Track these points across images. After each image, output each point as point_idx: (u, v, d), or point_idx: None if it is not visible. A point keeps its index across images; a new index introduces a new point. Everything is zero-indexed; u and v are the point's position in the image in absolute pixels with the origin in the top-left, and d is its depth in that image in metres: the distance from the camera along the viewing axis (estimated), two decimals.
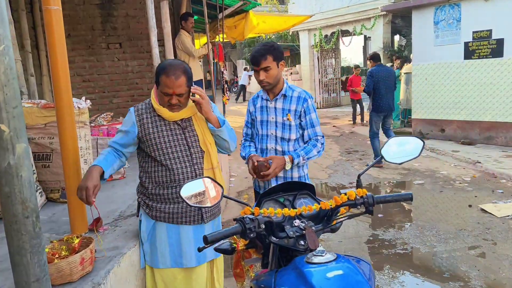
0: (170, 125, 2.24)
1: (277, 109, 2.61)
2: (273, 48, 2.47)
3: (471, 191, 5.75)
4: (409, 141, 1.65)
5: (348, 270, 1.33)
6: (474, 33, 8.22)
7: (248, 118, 2.80)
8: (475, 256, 3.87)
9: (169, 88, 2.09)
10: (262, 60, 2.44)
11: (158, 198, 2.26)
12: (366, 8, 13.85)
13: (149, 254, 2.34)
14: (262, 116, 2.66)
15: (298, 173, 2.66)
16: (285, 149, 2.60)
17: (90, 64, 6.53)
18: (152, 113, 2.23)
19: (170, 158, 2.22)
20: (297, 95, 2.60)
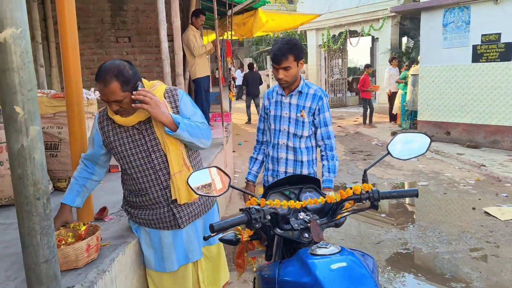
0: (129, 131, 2.07)
1: (291, 105, 2.59)
2: (295, 47, 2.44)
3: (475, 194, 5.74)
4: (416, 138, 1.66)
5: (352, 263, 1.34)
6: (482, 36, 8.19)
7: (262, 112, 2.80)
8: (477, 258, 3.87)
9: (103, 95, 1.94)
10: (283, 60, 2.42)
11: (134, 205, 2.24)
12: (375, 9, 13.81)
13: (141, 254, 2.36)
14: (276, 111, 2.65)
15: (308, 170, 2.66)
16: (296, 145, 2.60)
17: (98, 57, 6.58)
18: (110, 119, 2.09)
19: (134, 166, 2.10)
20: (313, 92, 2.58)
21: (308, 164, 2.64)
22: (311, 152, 2.66)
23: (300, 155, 2.62)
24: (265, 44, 23.99)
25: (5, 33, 1.09)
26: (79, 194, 2.25)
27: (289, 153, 2.63)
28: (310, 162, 2.66)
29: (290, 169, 2.63)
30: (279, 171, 2.67)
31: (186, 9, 6.84)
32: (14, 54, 1.11)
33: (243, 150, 9.14)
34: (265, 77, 22.77)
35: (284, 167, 2.65)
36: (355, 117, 14.07)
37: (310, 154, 2.66)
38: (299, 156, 2.62)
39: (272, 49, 2.48)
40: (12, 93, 1.12)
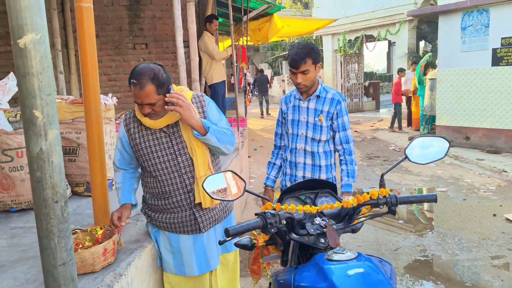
0: (156, 133, 2.09)
1: (309, 109, 2.58)
2: (313, 51, 2.43)
3: (496, 200, 5.60)
4: (434, 142, 1.63)
5: (369, 269, 1.32)
6: (502, 39, 8.03)
7: (279, 116, 2.78)
8: (499, 266, 3.77)
9: (137, 98, 1.96)
10: (301, 64, 2.41)
11: (155, 208, 2.25)
12: (392, 13, 13.72)
13: (159, 257, 2.37)
14: (293, 115, 2.64)
15: (326, 175, 2.63)
16: (314, 150, 2.59)
17: (116, 64, 6.68)
18: (138, 121, 2.13)
19: (159, 169, 2.12)
20: (330, 96, 2.57)
21: (327, 168, 2.62)
22: (330, 156, 2.64)
23: (318, 159, 2.60)
24: (281, 50, 24.03)
25: (25, 38, 1.12)
26: (131, 192, 2.30)
27: (307, 157, 2.61)
28: (328, 167, 2.64)
29: (308, 174, 2.62)
30: (297, 176, 2.64)
31: (202, 15, 6.91)
32: (33, 59, 1.13)
33: (259, 155, 9.13)
34: (280, 82, 22.80)
35: (302, 172, 2.63)
36: (372, 122, 13.93)
37: (329, 158, 2.63)
38: (317, 161, 2.60)
39: (290, 54, 2.46)
40: (31, 98, 1.14)
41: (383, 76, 24.54)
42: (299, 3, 21.56)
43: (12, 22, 1.13)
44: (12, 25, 1.13)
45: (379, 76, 24.33)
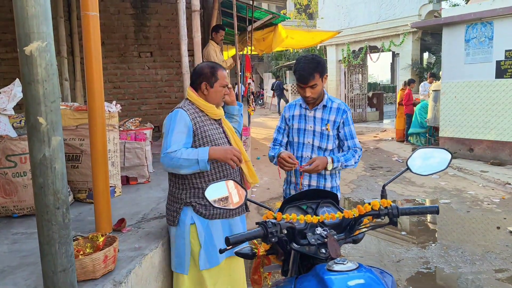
0: (215, 123, 2.43)
1: (316, 118, 2.61)
2: (320, 65, 2.46)
3: (500, 212, 5.56)
4: (436, 153, 1.63)
5: (370, 280, 1.31)
6: (506, 51, 8.04)
7: (281, 124, 2.78)
8: (502, 279, 3.72)
9: (227, 79, 2.42)
10: (310, 79, 2.44)
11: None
12: (396, 25, 13.78)
13: (205, 257, 2.33)
14: (299, 124, 2.65)
15: (331, 184, 2.65)
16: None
17: (121, 72, 6.74)
18: (199, 112, 2.37)
19: None
20: (336, 106, 2.61)
21: (331, 177, 2.65)
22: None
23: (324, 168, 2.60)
24: (285, 59, 24.12)
25: (31, 46, 1.13)
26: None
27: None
28: (333, 176, 2.66)
29: (314, 182, 2.63)
30: (303, 184, 2.66)
31: (207, 24, 6.96)
32: (39, 66, 1.15)
33: (262, 165, 9.13)
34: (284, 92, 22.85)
35: (308, 180, 2.64)
36: (375, 132, 13.91)
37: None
38: (323, 170, 2.58)
39: (297, 69, 2.49)
40: (36, 104, 1.16)
41: (387, 87, 24.57)
42: (304, 14, 21.69)
43: (19, 30, 1.15)
44: (18, 33, 1.15)
45: (383, 86, 24.37)
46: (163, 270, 2.52)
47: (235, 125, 2.65)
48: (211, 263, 2.36)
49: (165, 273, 2.53)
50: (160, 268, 2.47)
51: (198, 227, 2.32)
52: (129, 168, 3.83)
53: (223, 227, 2.40)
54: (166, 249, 2.57)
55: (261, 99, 26.74)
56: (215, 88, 2.37)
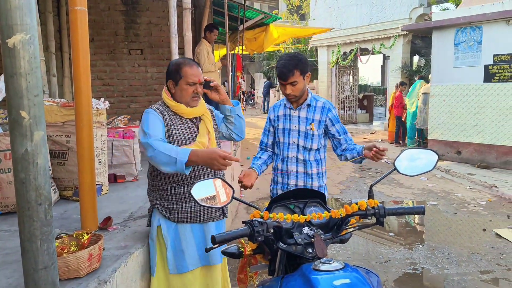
0: (187, 123, 2.30)
1: (300, 118, 2.61)
2: (300, 62, 2.45)
3: (486, 215, 5.62)
4: (423, 155, 1.64)
5: (356, 280, 1.31)
6: (495, 56, 8.14)
7: (267, 125, 2.78)
8: (487, 281, 3.76)
9: (195, 77, 2.23)
10: (289, 76, 2.44)
11: (179, 198, 2.24)
12: (387, 27, 13.87)
13: (174, 261, 2.27)
14: (284, 124, 2.65)
15: (318, 183, 2.65)
16: (306, 158, 2.61)
17: (111, 69, 6.67)
18: (169, 112, 2.27)
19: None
20: (321, 105, 2.61)
21: (318, 176, 2.65)
22: (320, 164, 2.67)
23: (310, 167, 2.62)
24: (276, 60, 24.14)
25: (14, 38, 1.11)
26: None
27: (299, 166, 2.63)
28: (320, 175, 2.66)
29: (301, 182, 2.63)
30: (290, 184, 2.65)
31: (198, 23, 6.93)
32: (22, 59, 1.12)
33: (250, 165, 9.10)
34: (275, 93, 22.87)
35: (295, 180, 2.64)
36: (365, 134, 13.99)
37: (320, 166, 2.67)
38: (309, 169, 2.62)
39: (278, 66, 2.51)
40: (18, 98, 1.13)
41: (377, 89, 24.72)
42: (295, 14, 21.73)
43: (1, 22, 1.12)
44: (1, 25, 1.12)
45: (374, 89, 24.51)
46: (150, 270, 2.48)
47: (230, 127, 2.51)
48: (179, 269, 2.27)
49: (151, 273, 2.50)
50: (146, 267, 2.44)
51: (163, 230, 2.26)
52: (116, 166, 3.79)
53: (194, 232, 2.28)
54: None
55: (252, 99, 26.74)
56: (180, 86, 2.23)
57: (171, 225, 2.27)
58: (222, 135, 2.56)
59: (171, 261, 2.27)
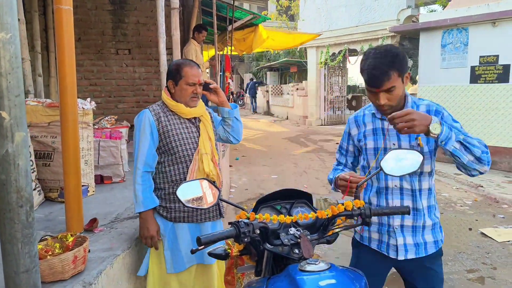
0: (186, 123, 2.34)
1: None
2: (398, 59, 1.75)
3: (472, 214, 5.70)
4: (408, 155, 1.64)
5: (341, 280, 1.31)
6: (481, 57, 8.26)
7: (344, 142, 2.13)
8: (473, 280, 3.81)
9: (195, 77, 2.27)
10: (385, 81, 1.73)
11: (176, 198, 2.25)
12: (375, 29, 13.96)
13: (171, 260, 2.32)
14: (376, 143, 1.95)
15: (432, 220, 1.95)
16: (415, 187, 1.90)
17: (98, 69, 6.61)
18: (167, 112, 2.32)
19: (189, 154, 2.29)
20: (425, 109, 1.90)
21: (429, 211, 1.95)
22: (432, 193, 1.97)
23: (420, 199, 1.91)
24: (265, 60, 24.17)
25: None
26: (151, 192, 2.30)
27: (405, 199, 1.91)
28: (431, 209, 1.96)
29: (409, 222, 1.91)
30: (393, 226, 1.92)
31: (187, 23, 6.91)
32: (2, 59, 1.10)
33: (240, 165, 9.11)
34: (264, 93, 22.88)
35: (400, 220, 1.92)
36: None
37: (431, 196, 1.96)
38: (419, 202, 1.91)
39: (365, 68, 1.78)
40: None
41: None
42: (285, 15, 21.78)
43: None
44: None
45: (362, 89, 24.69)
46: (136, 271, 2.46)
47: (228, 129, 2.53)
48: (176, 268, 2.32)
49: (137, 275, 2.48)
50: (132, 268, 2.42)
51: (161, 229, 2.31)
52: (103, 167, 3.75)
53: (191, 231, 2.33)
54: (139, 250, 2.52)
55: (242, 100, 26.73)
56: (180, 86, 2.28)
57: (168, 224, 2.31)
58: (220, 138, 2.59)
59: (168, 261, 2.31)
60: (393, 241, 1.94)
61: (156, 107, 2.34)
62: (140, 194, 2.22)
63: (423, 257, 1.96)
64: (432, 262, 2.01)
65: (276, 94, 21.71)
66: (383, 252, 1.99)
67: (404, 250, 1.93)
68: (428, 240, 1.95)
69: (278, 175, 8.12)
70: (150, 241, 2.25)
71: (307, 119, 17.41)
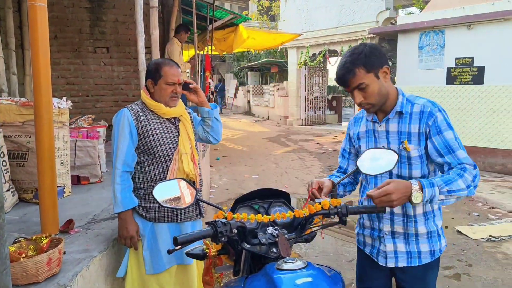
0: (165, 122, 2.33)
1: (390, 133, 1.83)
2: (362, 56, 1.71)
3: (448, 212, 5.82)
4: (384, 154, 1.66)
5: (317, 278, 1.32)
6: (456, 59, 8.45)
7: (346, 144, 2.07)
8: (449, 277, 3.89)
9: (175, 77, 2.26)
10: (350, 78, 1.72)
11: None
12: (354, 30, 14.13)
13: (150, 261, 2.30)
14: (368, 145, 1.91)
15: (427, 227, 1.84)
16: None
17: (75, 67, 6.49)
18: (147, 111, 2.30)
19: (169, 154, 2.28)
20: (419, 109, 1.78)
21: (425, 217, 1.84)
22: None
23: (410, 205, 1.79)
24: (246, 60, 24.17)
25: None
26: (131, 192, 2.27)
27: None
28: (428, 215, 1.84)
29: (399, 228, 1.84)
30: (383, 230, 1.87)
31: (166, 21, 6.85)
32: None
33: (221, 165, 9.09)
34: (245, 93, 22.88)
35: (390, 225, 1.86)
36: (334, 134, 14.22)
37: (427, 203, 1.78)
38: (409, 209, 1.82)
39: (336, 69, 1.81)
40: None
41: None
42: (265, 16, 21.83)
43: None
44: None
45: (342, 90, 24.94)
46: (113, 273, 2.43)
47: (208, 129, 2.53)
48: (155, 269, 2.30)
49: (115, 276, 2.44)
50: (109, 270, 2.38)
51: (140, 229, 2.29)
52: (80, 167, 3.69)
53: (171, 231, 2.31)
54: (116, 251, 2.48)
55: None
56: (159, 86, 2.27)
57: (148, 224, 2.29)
58: (199, 138, 2.59)
59: (147, 261, 2.29)
60: (383, 247, 1.89)
61: (135, 106, 2.32)
62: (119, 194, 2.20)
63: (416, 266, 1.86)
64: (426, 274, 1.89)
65: (257, 94, 21.74)
66: (373, 257, 1.95)
67: (394, 257, 1.87)
68: (423, 250, 1.85)
69: (258, 175, 8.13)
70: (129, 241, 2.23)
71: (288, 119, 17.49)
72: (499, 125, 7.98)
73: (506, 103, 7.85)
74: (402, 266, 1.86)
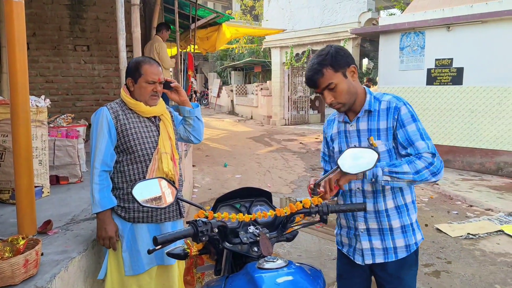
0: (145, 121, 2.30)
1: (360, 131, 1.87)
2: (328, 57, 1.75)
3: (428, 211, 5.92)
4: (364, 153, 1.67)
5: (298, 277, 1.33)
6: (436, 60, 8.60)
7: (325, 147, 2.10)
8: (429, 274, 3.96)
9: (155, 75, 2.22)
10: (318, 79, 1.76)
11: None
12: (337, 30, 14.25)
13: (130, 262, 2.26)
14: (340, 145, 1.93)
15: (401, 222, 1.87)
16: (377, 188, 1.85)
17: (54, 65, 6.36)
18: (126, 110, 2.27)
19: (148, 153, 2.25)
20: (385, 106, 1.83)
21: (398, 212, 1.87)
22: (400, 193, 1.88)
23: (383, 200, 1.86)
24: (230, 60, 24.12)
25: None
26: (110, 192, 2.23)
27: (367, 201, 1.86)
28: (401, 209, 1.88)
29: (374, 224, 1.87)
30: (358, 229, 1.90)
31: (148, 20, 6.78)
32: None
33: (204, 165, 9.05)
34: (229, 92, 22.85)
35: (364, 223, 1.89)
36: (317, 134, 14.31)
37: (399, 197, 1.88)
38: (382, 204, 1.86)
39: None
40: None
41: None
42: (249, 15, 21.82)
43: None
44: None
45: None
46: (93, 274, 2.39)
47: (189, 129, 2.50)
48: (135, 270, 2.27)
49: (94, 277, 2.41)
50: (89, 271, 2.35)
51: (119, 230, 2.25)
52: (59, 167, 3.62)
53: (150, 232, 2.28)
54: (96, 252, 2.45)
55: (206, 99, 26.57)
56: (139, 84, 2.23)
57: (127, 225, 2.26)
58: (180, 137, 2.55)
59: (127, 262, 2.26)
60: (359, 245, 1.92)
61: (114, 105, 2.29)
62: (97, 194, 2.16)
63: (393, 262, 1.88)
64: (403, 271, 1.91)
65: (241, 94, 21.72)
66: (350, 256, 1.98)
67: (370, 254, 1.89)
68: (399, 245, 1.87)
69: (242, 175, 8.12)
70: (108, 242, 2.19)
71: (271, 118, 17.53)
72: (477, 125, 8.15)
73: (484, 104, 8.03)
74: (379, 263, 1.89)
